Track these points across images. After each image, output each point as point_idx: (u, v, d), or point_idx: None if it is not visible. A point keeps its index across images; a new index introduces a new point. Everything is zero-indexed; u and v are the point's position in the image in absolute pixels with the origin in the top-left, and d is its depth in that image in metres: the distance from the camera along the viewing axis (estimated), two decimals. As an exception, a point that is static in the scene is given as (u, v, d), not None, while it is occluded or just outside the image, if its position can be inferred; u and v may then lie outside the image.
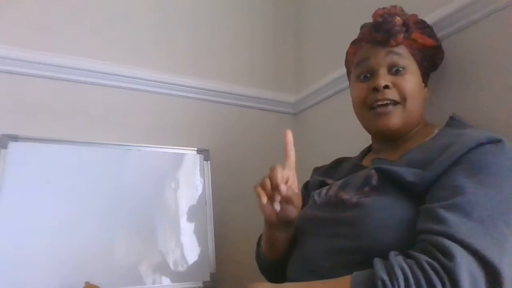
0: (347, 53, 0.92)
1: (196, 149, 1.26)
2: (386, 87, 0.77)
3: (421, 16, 0.89)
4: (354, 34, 0.89)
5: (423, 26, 0.85)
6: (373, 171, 0.71)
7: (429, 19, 0.90)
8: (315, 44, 1.47)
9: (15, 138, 1.03)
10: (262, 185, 0.70)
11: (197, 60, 1.37)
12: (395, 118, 0.78)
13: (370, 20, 0.86)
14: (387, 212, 0.65)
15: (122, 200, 1.09)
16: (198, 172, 1.23)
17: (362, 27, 0.89)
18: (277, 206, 0.71)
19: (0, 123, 1.05)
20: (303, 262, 0.75)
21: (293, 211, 0.76)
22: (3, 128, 1.03)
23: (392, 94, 0.78)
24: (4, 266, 0.92)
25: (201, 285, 1.11)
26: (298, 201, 0.76)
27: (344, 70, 1.19)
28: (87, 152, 1.10)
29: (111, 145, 1.14)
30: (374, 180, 0.70)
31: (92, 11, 1.23)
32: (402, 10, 0.85)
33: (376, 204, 0.66)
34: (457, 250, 0.53)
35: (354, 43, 0.89)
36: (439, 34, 0.89)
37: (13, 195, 0.98)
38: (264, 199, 0.69)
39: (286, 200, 0.73)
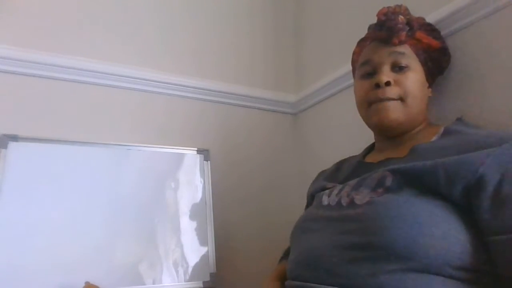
0: (353, 53, 0.92)
1: (196, 149, 1.26)
2: (388, 83, 0.78)
3: (422, 15, 0.89)
4: (354, 34, 0.89)
5: (430, 29, 0.85)
6: (387, 172, 0.70)
7: (430, 19, 0.90)
8: (315, 44, 1.47)
9: (15, 138, 1.03)
10: None
11: (197, 60, 1.37)
12: (395, 113, 0.77)
13: (373, 20, 0.86)
14: (399, 209, 0.63)
15: (122, 200, 1.09)
16: (198, 172, 1.23)
17: (369, 28, 0.89)
18: None
19: (0, 123, 1.05)
20: (307, 258, 0.73)
21: None
22: (3, 128, 1.03)
23: (393, 92, 0.78)
24: (3, 266, 0.92)
25: (201, 285, 1.11)
26: None
27: (343, 70, 1.20)
28: (87, 152, 1.10)
29: (111, 145, 1.14)
30: (389, 181, 0.69)
31: (94, 11, 1.23)
32: (407, 10, 0.85)
33: (388, 201, 0.65)
34: None
35: (360, 42, 0.90)
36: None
37: (13, 195, 0.98)
38: None
39: None
